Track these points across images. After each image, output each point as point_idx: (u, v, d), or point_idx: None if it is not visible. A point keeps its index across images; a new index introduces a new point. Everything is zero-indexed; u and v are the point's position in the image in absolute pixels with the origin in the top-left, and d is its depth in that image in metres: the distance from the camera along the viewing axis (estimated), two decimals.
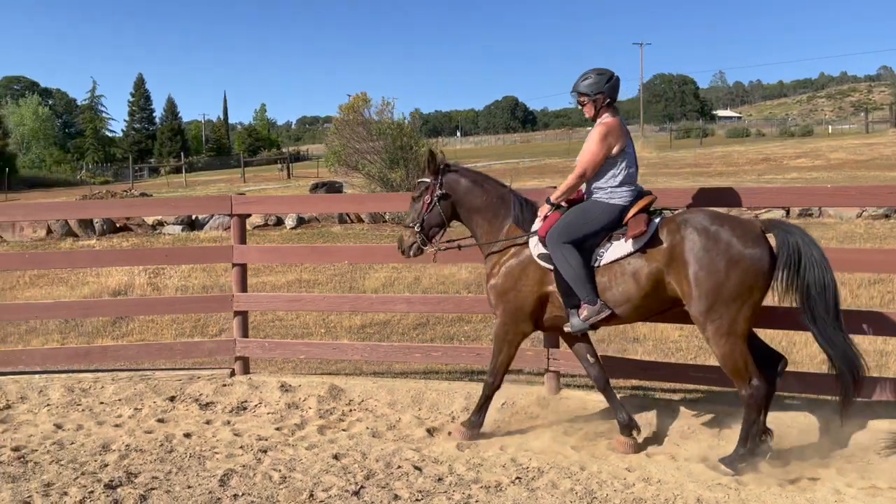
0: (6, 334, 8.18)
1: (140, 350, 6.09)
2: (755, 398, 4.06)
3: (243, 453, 4.64)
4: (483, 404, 4.78)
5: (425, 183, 4.70)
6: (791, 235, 4.04)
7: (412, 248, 4.73)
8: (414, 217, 4.72)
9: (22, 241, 14.25)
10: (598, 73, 4.46)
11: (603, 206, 4.34)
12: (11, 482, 4.20)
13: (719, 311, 3.99)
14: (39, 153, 71.47)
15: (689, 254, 4.06)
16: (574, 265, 4.23)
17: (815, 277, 3.98)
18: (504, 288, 4.54)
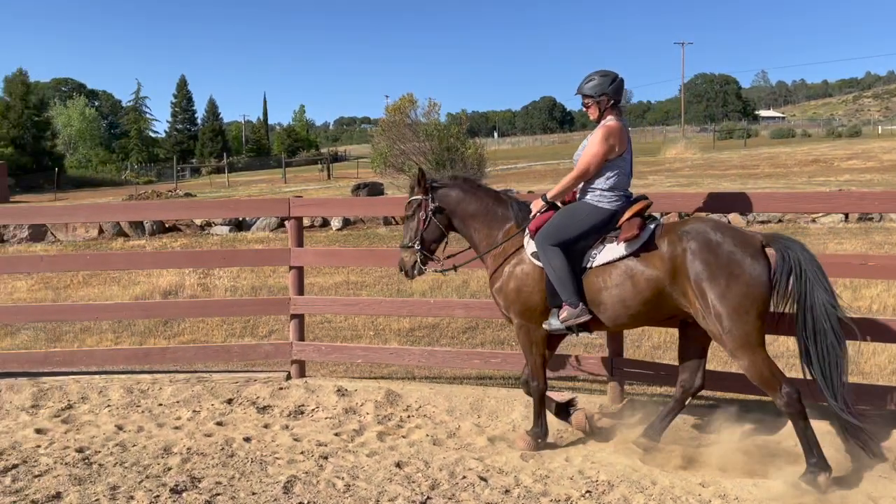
0: (61, 333, 8.30)
1: (198, 352, 6.10)
2: (791, 404, 3.96)
3: (304, 459, 4.60)
4: (539, 411, 4.68)
5: (417, 200, 4.70)
6: (791, 250, 4.01)
7: (415, 268, 4.71)
8: (411, 236, 4.70)
9: (75, 241, 14.53)
10: (602, 75, 4.44)
11: (590, 209, 4.36)
12: (78, 484, 4.21)
13: (727, 326, 3.96)
14: (86, 153, 73.25)
15: (691, 267, 4.04)
16: (557, 267, 4.25)
17: (811, 292, 3.95)
18: (509, 290, 4.54)
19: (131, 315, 6.80)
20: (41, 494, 4.05)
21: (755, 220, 14.23)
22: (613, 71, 4.47)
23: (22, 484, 4.21)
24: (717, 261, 3.98)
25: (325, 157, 51.92)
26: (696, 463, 4.37)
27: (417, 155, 14.74)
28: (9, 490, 4.13)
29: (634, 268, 4.20)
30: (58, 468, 4.45)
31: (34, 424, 5.28)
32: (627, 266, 4.22)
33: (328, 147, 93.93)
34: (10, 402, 5.71)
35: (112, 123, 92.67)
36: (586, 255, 4.32)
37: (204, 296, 10.09)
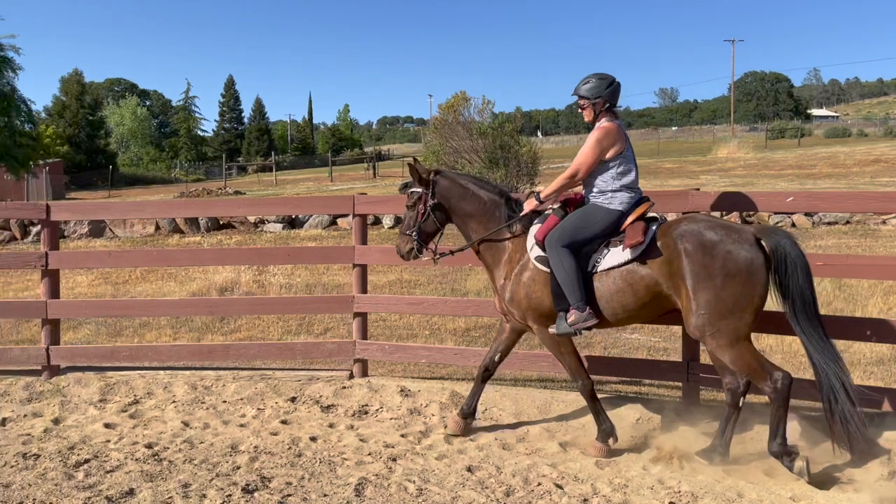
0: (122, 328, 8.40)
1: (261, 349, 6.08)
2: (780, 391, 4.02)
3: (373, 461, 4.51)
4: (596, 408, 4.60)
5: (417, 192, 4.74)
6: (780, 243, 4.06)
7: (410, 254, 4.78)
8: (409, 224, 4.77)
9: (132, 237, 14.80)
10: (600, 78, 4.47)
11: (603, 212, 4.36)
12: (150, 481, 4.19)
13: (717, 325, 4.00)
14: (137, 151, 74.92)
15: (687, 267, 4.06)
16: (568, 269, 4.26)
17: (798, 285, 4.02)
18: (520, 298, 4.54)
19: (197, 311, 6.82)
20: (115, 490, 4.04)
21: (821, 221, 13.74)
22: (611, 75, 4.49)
23: (95, 479, 4.22)
24: (713, 261, 4.01)
25: (371, 156, 52.10)
26: (778, 472, 4.17)
27: (470, 153, 14.63)
28: (82, 485, 4.13)
29: (636, 273, 4.23)
30: (129, 464, 4.45)
31: (102, 419, 5.32)
32: (629, 271, 4.24)
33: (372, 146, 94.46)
34: (79, 395, 5.76)
35: (162, 122, 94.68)
36: (591, 260, 4.34)
37: (259, 293, 10.13)
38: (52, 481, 4.17)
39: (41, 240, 6.05)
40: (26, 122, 27.60)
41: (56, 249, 6.02)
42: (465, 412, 4.92)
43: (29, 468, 4.37)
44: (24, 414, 5.42)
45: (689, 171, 30.34)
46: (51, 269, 5.97)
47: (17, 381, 5.94)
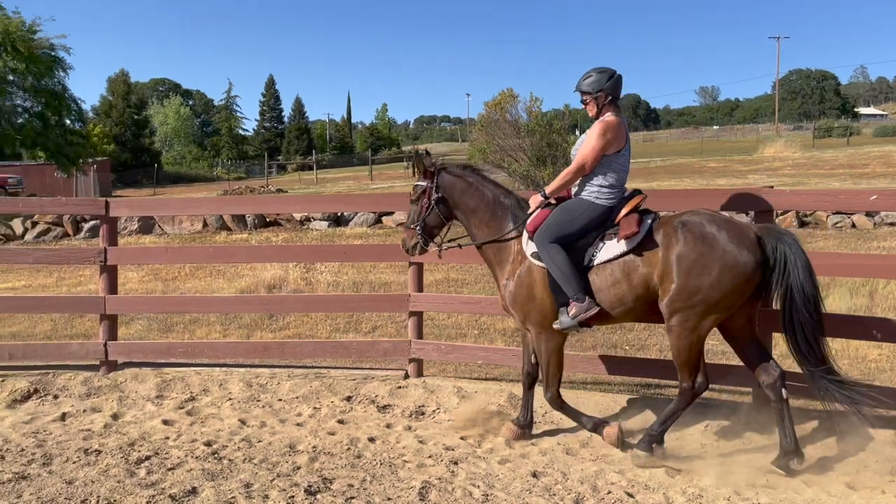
0: (173, 323, 8.45)
1: (316, 347, 6.02)
2: (696, 392, 4.23)
3: (434, 464, 4.40)
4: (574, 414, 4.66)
5: (422, 186, 4.71)
6: (781, 243, 4.05)
7: (416, 249, 4.75)
8: (414, 219, 4.74)
9: (181, 234, 14.96)
10: (600, 72, 4.44)
11: (587, 205, 4.36)
12: (211, 480, 4.15)
13: (695, 309, 4.04)
14: (180, 150, 76.28)
15: (682, 255, 4.07)
16: (559, 264, 4.24)
17: (799, 284, 4.01)
18: (522, 298, 4.50)
19: (251, 308, 6.80)
20: (177, 489, 4.00)
21: (883, 221, 13.25)
22: (611, 68, 4.46)
23: (157, 477, 4.19)
24: (711, 251, 4.02)
25: (410, 155, 52.18)
26: (862, 484, 3.96)
27: (516, 151, 14.45)
28: (144, 483, 4.10)
29: (632, 264, 4.22)
30: (189, 462, 4.42)
31: (160, 415, 5.31)
32: (626, 263, 4.23)
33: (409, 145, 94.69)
34: (136, 391, 5.78)
35: (204, 122, 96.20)
36: (587, 254, 4.32)
37: (307, 290, 10.12)
38: (114, 478, 4.15)
39: (100, 236, 6.09)
40: (76, 121, 28.26)
41: (114, 245, 6.05)
42: (522, 423, 4.81)
43: (91, 464, 4.37)
44: (84, 409, 5.45)
45: (736, 171, 29.65)
46: (109, 265, 6.00)
47: (76, 376, 5.99)
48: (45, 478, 4.15)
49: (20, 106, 26.19)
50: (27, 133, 25.40)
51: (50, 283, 11.44)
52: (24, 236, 15.45)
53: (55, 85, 26.17)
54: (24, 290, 10.97)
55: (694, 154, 42.00)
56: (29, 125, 25.78)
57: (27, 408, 5.49)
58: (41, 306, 6.41)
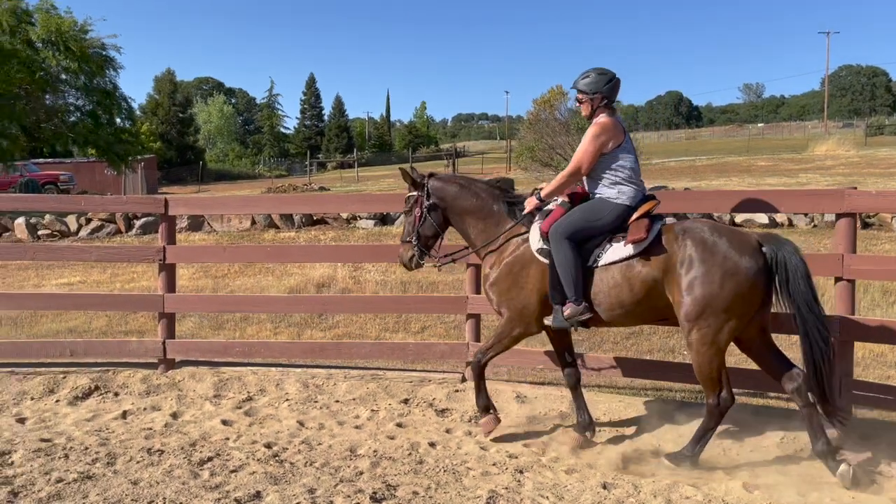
0: (223, 321, 8.47)
1: (373, 349, 5.95)
2: (721, 409, 4.20)
3: (499, 472, 4.28)
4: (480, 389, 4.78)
5: (413, 196, 4.76)
6: (781, 250, 4.06)
7: (412, 261, 4.79)
8: (409, 231, 4.78)
9: (229, 231, 15.09)
10: (599, 73, 4.44)
11: (611, 206, 4.35)
12: (274, 483, 4.09)
13: (708, 321, 4.02)
14: (223, 148, 77.50)
15: (685, 263, 4.07)
16: (568, 262, 4.26)
17: (801, 291, 4.02)
18: (506, 286, 4.53)
19: (307, 308, 6.78)
20: (242, 492, 3.95)
21: None
22: (611, 70, 4.47)
23: (220, 479, 4.15)
24: (713, 259, 4.01)
25: (450, 153, 52.12)
26: None
27: (565, 148, 14.19)
28: (208, 485, 4.06)
29: (633, 268, 4.23)
30: (251, 464, 4.37)
31: (219, 415, 5.29)
32: (629, 267, 4.24)
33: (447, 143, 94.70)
34: (194, 390, 5.78)
35: (246, 120, 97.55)
36: (593, 254, 4.33)
37: (356, 289, 10.09)
38: (178, 479, 4.12)
39: (159, 234, 6.10)
40: (126, 119, 28.83)
41: (173, 244, 6.06)
42: (583, 425, 4.73)
43: (154, 464, 4.35)
44: (144, 407, 5.45)
45: (786, 170, 28.88)
46: (168, 263, 6.01)
47: (135, 374, 6.01)
48: (111, 478, 4.14)
49: (72, 104, 26.84)
50: (79, 131, 25.99)
51: (104, 279, 11.61)
52: (79, 232, 15.75)
53: (106, 84, 26.72)
54: (79, 285, 11.16)
55: (740, 152, 41.08)
56: (81, 123, 26.39)
57: (88, 405, 5.53)
58: (102, 304, 6.47)
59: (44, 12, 25.34)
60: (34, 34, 24.96)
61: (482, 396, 4.78)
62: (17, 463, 4.34)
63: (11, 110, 24.04)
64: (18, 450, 4.53)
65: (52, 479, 4.09)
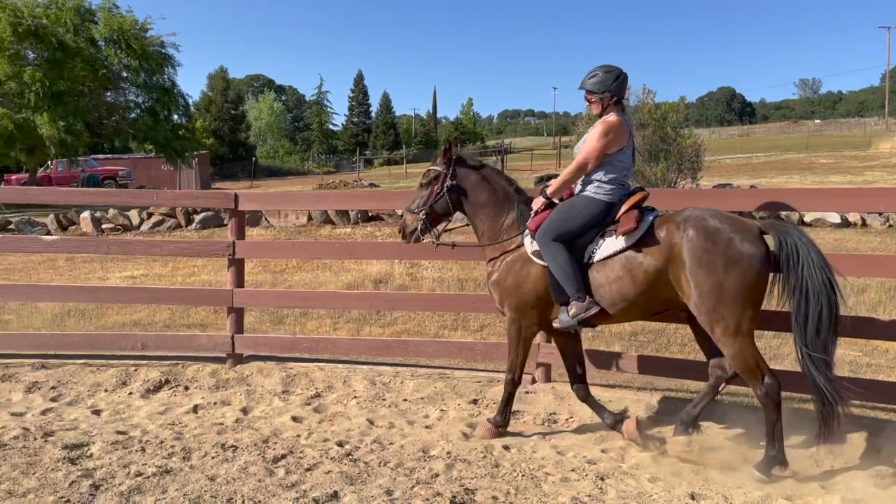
0: (283, 316, 8.50)
1: (440, 347, 5.86)
2: (771, 396, 4.01)
3: (579, 478, 4.14)
4: (507, 403, 4.73)
5: (436, 171, 4.71)
6: (789, 236, 4.01)
7: (413, 236, 4.76)
8: (420, 203, 4.73)
9: (286, 227, 15.22)
10: (606, 71, 4.42)
11: (587, 201, 4.36)
12: (350, 484, 4.02)
13: (722, 312, 3.96)
14: (273, 145, 78.67)
15: (688, 253, 4.03)
16: (561, 262, 4.24)
17: (814, 278, 3.92)
18: (507, 285, 4.54)
19: (376, 305, 6.70)
20: (319, 492, 3.89)
21: None
22: (618, 67, 4.43)
23: (296, 478, 4.10)
24: (715, 247, 3.96)
25: (500, 149, 51.89)
26: None
27: None
28: (285, 483, 4.01)
29: (633, 260, 4.19)
30: (325, 462, 4.31)
31: (288, 411, 5.27)
32: (627, 259, 4.21)
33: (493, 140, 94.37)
34: (262, 385, 5.77)
35: (296, 117, 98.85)
36: (587, 251, 4.31)
37: (412, 286, 10.04)
38: (254, 476, 4.09)
39: (229, 229, 6.11)
40: (183, 116, 29.46)
41: (242, 239, 6.06)
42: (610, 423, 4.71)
43: (229, 461, 4.33)
44: (214, 402, 5.47)
45: (850, 168, 27.88)
46: (237, 258, 6.02)
47: (204, 368, 6.04)
48: (188, 473, 4.13)
49: (132, 101, 27.59)
50: (139, 127, 26.70)
51: (165, 272, 11.81)
52: (140, 226, 16.10)
53: (165, 81, 27.38)
54: (141, 279, 11.37)
55: (800, 150, 39.88)
56: (140, 120, 27.08)
57: (160, 398, 5.56)
58: (174, 298, 6.52)
59: (106, 11, 26.06)
60: (97, 33, 25.68)
61: (507, 411, 4.76)
62: (96, 455, 4.37)
63: (76, 107, 24.78)
64: (96, 442, 4.56)
65: (132, 473, 4.10)
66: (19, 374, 5.88)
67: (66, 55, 24.22)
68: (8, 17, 24.19)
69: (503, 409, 4.75)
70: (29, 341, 6.30)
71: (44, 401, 5.43)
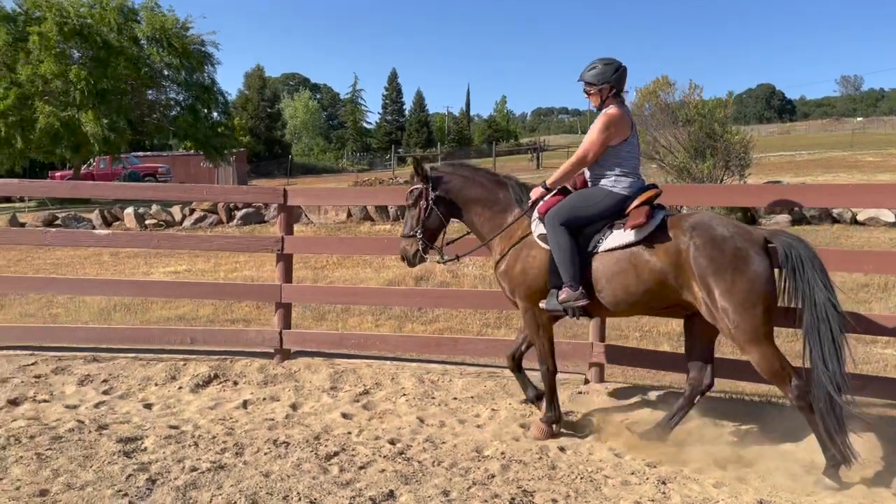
0: (324, 312, 8.48)
1: (489, 346, 5.76)
2: (803, 399, 3.96)
3: (640, 482, 4.01)
4: (552, 398, 4.69)
5: (418, 189, 4.70)
6: (790, 244, 4.04)
7: (416, 257, 4.78)
8: (412, 224, 4.75)
9: (326, 223, 15.26)
10: (605, 64, 4.42)
11: (605, 193, 4.36)
12: (406, 483, 3.95)
13: (736, 321, 3.95)
14: (308, 143, 79.24)
15: (695, 262, 4.04)
16: (563, 247, 4.25)
17: (814, 287, 3.94)
18: (515, 273, 4.53)
19: (424, 302, 6.69)
20: (375, 491, 3.82)
21: None
22: (617, 59, 4.43)
23: (350, 476, 4.04)
24: (722, 256, 3.98)
25: (534, 147, 51.57)
26: None
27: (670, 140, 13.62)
28: (339, 481, 3.96)
29: (640, 256, 4.20)
30: (378, 461, 4.25)
31: (338, 408, 5.22)
32: (633, 254, 4.22)
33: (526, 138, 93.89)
34: (310, 381, 5.74)
35: (330, 115, 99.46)
36: (593, 240, 4.31)
37: (454, 283, 9.96)
38: (308, 474, 4.04)
39: (277, 224, 6.09)
40: (222, 114, 29.80)
41: (291, 234, 6.04)
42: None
43: (282, 457, 4.29)
44: (263, 397, 5.44)
45: None
46: (285, 253, 5.99)
47: (252, 363, 6.03)
48: (242, 469, 4.10)
49: (173, 99, 28.01)
50: (179, 125, 27.08)
51: (208, 268, 11.90)
52: (183, 222, 16.28)
53: (205, 79, 27.74)
54: (185, 273, 11.46)
55: (844, 147, 38.87)
56: (181, 118, 27.47)
57: (209, 393, 5.56)
58: (222, 293, 6.52)
59: (149, 10, 26.44)
60: (140, 32, 26.07)
61: (555, 409, 4.69)
62: (150, 449, 4.36)
63: (119, 105, 25.19)
64: (149, 436, 4.56)
65: (186, 468, 4.08)
66: (72, 366, 5.93)
67: (110, 54, 24.67)
68: (54, 16, 24.72)
69: (550, 403, 4.69)
70: (80, 335, 6.36)
71: (96, 394, 5.46)
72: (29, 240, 8.72)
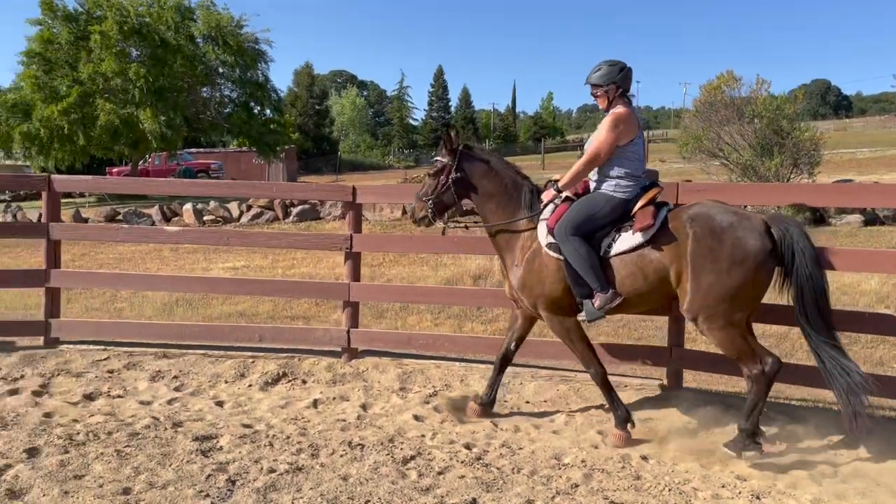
0: (383, 310, 8.42)
1: (561, 348, 5.56)
2: (767, 376, 4.12)
3: (732, 496, 3.87)
4: (612, 398, 4.61)
5: (442, 162, 4.68)
6: (788, 231, 4.07)
7: (423, 221, 4.79)
8: (427, 192, 4.74)
9: (381, 220, 15.27)
10: (610, 65, 4.44)
11: (607, 198, 4.38)
12: (487, 491, 3.84)
13: (715, 308, 4.04)
14: (355, 139, 79.76)
15: (693, 249, 4.09)
16: (584, 256, 4.26)
17: (808, 275, 4.02)
18: (531, 284, 4.52)
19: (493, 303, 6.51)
20: (456, 498, 3.73)
21: None
22: (621, 60, 4.46)
23: (429, 481, 3.94)
24: (720, 246, 4.03)
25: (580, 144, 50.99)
26: None
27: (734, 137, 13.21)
28: (419, 487, 3.87)
29: (648, 256, 4.24)
30: (456, 466, 4.15)
31: (408, 409, 5.14)
32: (642, 255, 4.25)
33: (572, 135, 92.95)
34: (379, 381, 5.67)
35: (377, 112, 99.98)
36: (602, 244, 4.33)
37: None
38: (387, 478, 3.96)
39: (346, 222, 6.04)
40: (275, 111, 30.16)
41: (359, 232, 5.98)
42: (484, 401, 4.91)
43: (358, 459, 4.22)
44: (333, 396, 5.40)
45: None
46: (354, 252, 5.94)
47: (320, 362, 5.99)
48: (319, 471, 4.04)
49: (227, 96, 28.45)
50: (233, 122, 27.50)
51: (265, 264, 11.99)
52: (240, 218, 16.47)
53: (258, 77, 28.12)
54: (243, 270, 11.56)
55: None
56: (235, 114, 27.89)
57: (279, 391, 5.54)
58: (291, 290, 6.51)
59: (205, 9, 26.87)
60: (196, 30, 26.51)
61: (619, 407, 4.60)
62: (226, 448, 4.34)
63: (175, 102, 25.68)
64: (224, 434, 4.54)
65: (264, 469, 4.04)
66: (143, 362, 5.98)
67: (168, 52, 25.18)
68: (115, 15, 25.32)
69: (612, 404, 4.61)
70: (151, 330, 6.41)
71: (168, 390, 5.48)
72: (103, 236, 8.85)
